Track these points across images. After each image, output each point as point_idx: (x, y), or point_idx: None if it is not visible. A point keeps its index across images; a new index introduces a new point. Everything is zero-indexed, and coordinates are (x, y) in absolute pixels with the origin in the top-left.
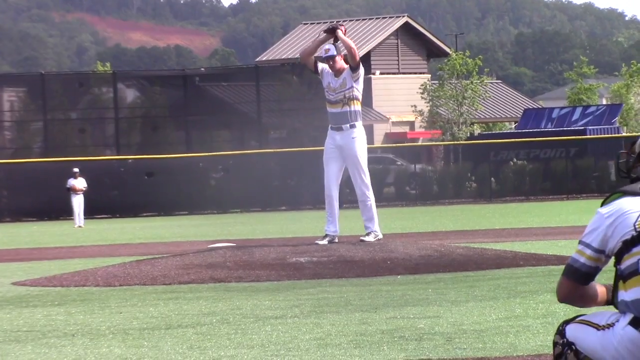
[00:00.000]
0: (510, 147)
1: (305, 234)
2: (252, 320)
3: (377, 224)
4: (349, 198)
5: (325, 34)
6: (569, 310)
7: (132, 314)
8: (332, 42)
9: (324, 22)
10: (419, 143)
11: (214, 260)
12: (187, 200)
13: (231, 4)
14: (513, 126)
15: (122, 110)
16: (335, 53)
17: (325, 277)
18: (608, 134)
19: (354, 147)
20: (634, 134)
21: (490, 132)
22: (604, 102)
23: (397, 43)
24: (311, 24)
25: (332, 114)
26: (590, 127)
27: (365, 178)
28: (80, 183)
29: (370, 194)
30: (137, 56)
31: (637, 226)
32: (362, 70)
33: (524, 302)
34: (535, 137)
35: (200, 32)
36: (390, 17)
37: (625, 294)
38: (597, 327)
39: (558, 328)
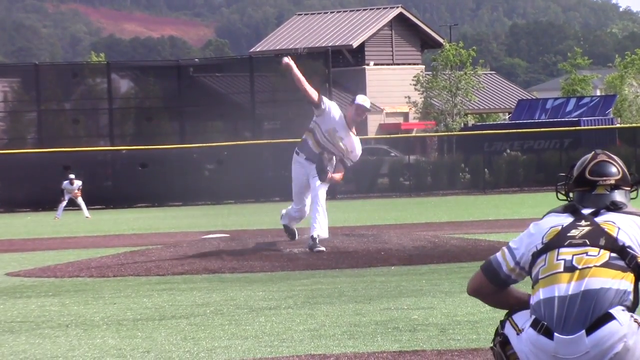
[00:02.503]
0: (504, 138)
1: (299, 225)
2: (246, 311)
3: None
4: (342, 189)
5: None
6: None
7: (126, 304)
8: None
9: (317, 13)
10: (413, 134)
11: (208, 251)
12: (181, 191)
13: None
14: (507, 117)
15: (116, 101)
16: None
17: (319, 268)
18: (602, 125)
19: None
20: (628, 125)
21: (484, 123)
22: (598, 93)
23: (391, 34)
24: (305, 14)
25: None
26: (584, 118)
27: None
28: (76, 187)
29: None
30: (131, 47)
31: (544, 239)
32: (322, 107)
33: None
34: (529, 128)
35: (194, 23)
36: (384, 8)
37: (532, 298)
38: (517, 330)
39: (501, 320)
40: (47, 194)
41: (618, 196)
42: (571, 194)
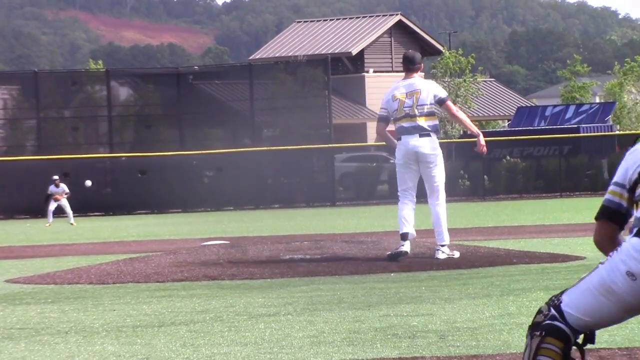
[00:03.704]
0: (504, 145)
1: (299, 232)
2: (245, 317)
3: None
4: (342, 196)
5: None
6: None
7: (126, 311)
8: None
9: (317, 21)
10: None
11: (208, 258)
12: (181, 198)
13: (225, 2)
14: (506, 124)
15: (115, 108)
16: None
17: (318, 275)
18: (601, 132)
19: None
20: (627, 132)
21: (483, 130)
22: (597, 100)
23: (391, 41)
24: (305, 22)
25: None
26: (583, 125)
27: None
28: (61, 190)
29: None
30: (131, 54)
31: None
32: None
33: (517, 299)
34: (528, 135)
35: (193, 30)
36: (383, 15)
37: (637, 212)
38: (600, 264)
39: (551, 299)
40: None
41: None
42: None
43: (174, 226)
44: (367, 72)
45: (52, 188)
